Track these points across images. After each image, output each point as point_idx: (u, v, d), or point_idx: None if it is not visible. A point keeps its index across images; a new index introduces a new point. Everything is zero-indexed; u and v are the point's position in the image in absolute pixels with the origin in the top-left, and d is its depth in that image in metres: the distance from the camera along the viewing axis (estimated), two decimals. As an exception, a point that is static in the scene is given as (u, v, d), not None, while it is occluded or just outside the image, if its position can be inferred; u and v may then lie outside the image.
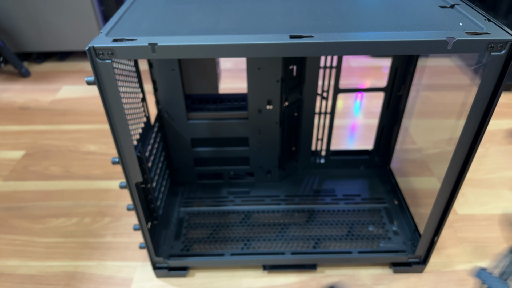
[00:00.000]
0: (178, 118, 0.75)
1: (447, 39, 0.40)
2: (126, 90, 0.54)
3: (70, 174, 0.94)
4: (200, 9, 0.50)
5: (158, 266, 0.68)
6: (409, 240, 0.71)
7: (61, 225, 0.80)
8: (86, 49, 0.41)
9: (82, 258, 0.73)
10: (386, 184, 0.85)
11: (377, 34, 0.42)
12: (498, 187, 0.88)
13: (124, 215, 0.82)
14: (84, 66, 1.47)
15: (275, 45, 0.41)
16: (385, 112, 0.80)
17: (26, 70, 1.39)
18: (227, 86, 1.31)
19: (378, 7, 0.49)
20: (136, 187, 0.55)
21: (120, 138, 0.49)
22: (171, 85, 0.71)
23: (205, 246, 0.72)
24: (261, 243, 0.72)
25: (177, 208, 0.80)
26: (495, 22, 0.44)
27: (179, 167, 0.83)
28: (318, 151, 0.87)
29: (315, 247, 0.71)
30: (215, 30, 0.44)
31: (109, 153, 1.01)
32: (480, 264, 0.71)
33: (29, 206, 0.85)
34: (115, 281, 0.69)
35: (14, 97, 1.27)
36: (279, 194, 0.83)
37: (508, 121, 1.11)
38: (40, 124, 1.13)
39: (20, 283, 0.69)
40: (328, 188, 0.84)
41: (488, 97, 0.45)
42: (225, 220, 0.77)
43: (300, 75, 0.74)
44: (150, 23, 0.46)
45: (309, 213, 0.78)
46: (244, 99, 0.77)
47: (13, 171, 0.95)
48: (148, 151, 0.65)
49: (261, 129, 0.77)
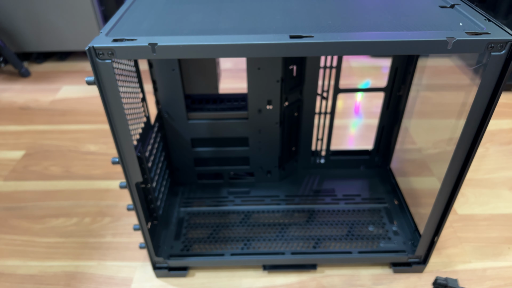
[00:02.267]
0: (178, 118, 0.75)
1: (447, 39, 0.40)
2: (126, 90, 0.54)
3: (70, 174, 0.94)
4: (200, 9, 0.50)
5: (158, 266, 0.68)
6: (409, 240, 0.71)
7: (61, 225, 0.80)
8: (86, 49, 0.41)
9: (82, 258, 0.73)
10: (386, 184, 0.85)
11: (377, 34, 0.42)
12: (498, 187, 0.88)
13: (124, 215, 0.82)
14: (84, 66, 1.47)
15: (275, 45, 0.41)
16: (385, 112, 0.80)
17: (26, 70, 1.39)
18: (227, 86, 1.31)
19: (378, 7, 0.49)
20: (136, 187, 0.55)
21: (120, 138, 0.49)
22: (171, 85, 0.71)
23: (205, 246, 0.72)
24: (261, 243, 0.72)
25: (177, 208, 0.80)
26: (495, 22, 0.44)
27: (179, 167, 0.83)
28: (318, 151, 0.87)
29: (315, 247, 0.71)
30: (215, 30, 0.44)
31: (109, 153, 1.01)
32: (480, 265, 0.71)
33: (29, 206, 0.85)
34: (115, 281, 0.69)
35: (14, 97, 1.27)
36: (279, 194, 0.83)
37: (508, 121, 1.11)
38: (40, 124, 1.13)
39: (20, 283, 0.69)
40: (328, 188, 0.84)
41: (488, 97, 0.45)
42: (225, 220, 0.77)
43: (300, 75, 0.74)
44: (150, 23, 0.46)
45: (309, 213, 0.78)
46: (244, 99, 0.77)
47: (13, 171, 0.95)
48: (148, 151, 0.65)
49: (261, 129, 0.77)
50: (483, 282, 0.68)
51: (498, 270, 0.70)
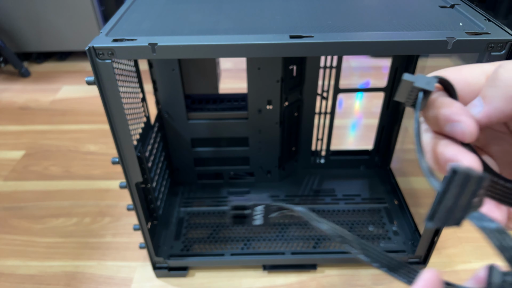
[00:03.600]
0: (178, 118, 0.75)
1: (447, 39, 0.40)
2: (126, 90, 0.54)
3: (70, 174, 0.94)
4: (200, 9, 0.50)
5: (158, 266, 0.68)
6: (409, 240, 0.71)
7: (61, 225, 0.80)
8: (86, 49, 0.41)
9: (82, 258, 0.73)
10: (386, 184, 0.85)
11: (377, 34, 0.42)
12: (498, 187, 0.88)
13: (124, 215, 0.82)
14: (84, 66, 1.47)
15: (275, 45, 0.41)
16: (385, 112, 0.80)
17: (26, 70, 1.39)
18: (227, 86, 1.31)
19: (378, 7, 0.49)
20: (136, 187, 0.55)
21: (120, 138, 0.49)
22: (171, 85, 0.71)
23: (205, 246, 0.72)
24: (261, 243, 0.72)
25: (177, 208, 0.80)
26: (495, 22, 0.44)
27: (179, 167, 0.83)
28: (318, 151, 0.87)
29: (315, 247, 0.71)
30: (215, 30, 0.44)
31: (109, 153, 1.01)
32: (480, 265, 0.71)
33: (29, 206, 0.85)
34: (115, 281, 0.69)
35: (14, 97, 1.27)
36: (279, 194, 0.83)
37: (508, 121, 1.10)
38: (40, 124, 1.13)
39: (20, 283, 0.69)
40: (328, 188, 0.84)
41: (488, 97, 0.45)
42: (225, 220, 0.77)
43: (300, 75, 0.74)
44: (150, 23, 0.46)
45: (309, 213, 0.78)
46: (244, 99, 0.77)
47: (13, 171, 0.95)
48: (148, 151, 0.65)
49: (261, 129, 0.77)
50: (483, 282, 0.68)
51: (498, 270, 0.70)
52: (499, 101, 0.21)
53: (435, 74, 0.23)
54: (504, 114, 0.21)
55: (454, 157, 0.21)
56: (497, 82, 0.21)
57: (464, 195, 0.17)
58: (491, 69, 0.23)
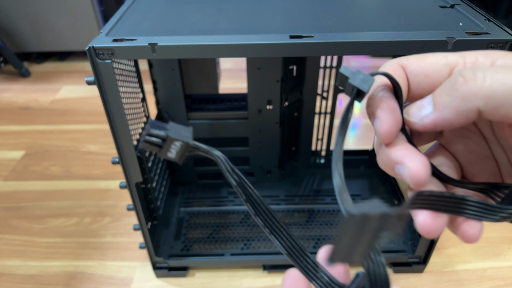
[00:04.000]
0: (178, 118, 0.75)
1: (447, 39, 0.40)
2: (126, 90, 0.54)
3: (70, 174, 0.94)
4: (200, 9, 0.50)
5: (158, 266, 0.68)
6: (409, 240, 0.71)
7: (61, 225, 0.80)
8: (86, 49, 0.41)
9: (82, 258, 0.73)
10: (386, 184, 0.85)
11: (377, 34, 0.42)
12: (498, 187, 0.88)
13: (124, 215, 0.82)
14: (84, 66, 1.47)
15: (275, 45, 0.41)
16: (385, 112, 0.80)
17: (26, 70, 1.39)
18: (227, 86, 1.31)
19: (378, 7, 0.49)
20: (136, 187, 0.55)
21: (120, 138, 0.49)
22: (171, 85, 0.71)
23: (205, 246, 0.72)
24: (261, 243, 0.72)
25: (177, 208, 0.80)
26: (495, 22, 0.44)
27: (179, 167, 0.83)
28: (318, 151, 0.87)
29: (315, 247, 0.71)
30: (215, 30, 0.44)
31: (109, 153, 1.01)
32: (480, 265, 0.71)
33: (29, 206, 0.85)
34: (115, 281, 0.69)
35: (14, 97, 1.27)
36: (279, 194, 0.83)
37: (508, 121, 1.10)
38: (40, 124, 1.13)
39: (20, 283, 0.69)
40: (328, 188, 0.84)
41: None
42: (225, 220, 0.77)
43: (300, 75, 0.74)
44: (150, 23, 0.46)
45: (309, 213, 0.78)
46: (244, 99, 0.77)
47: (13, 171, 0.95)
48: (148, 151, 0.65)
49: (261, 129, 0.77)
50: (483, 282, 0.68)
51: (498, 270, 0.70)
52: (449, 111, 0.19)
53: (391, 66, 0.22)
54: (452, 126, 0.20)
55: (400, 160, 0.20)
56: (453, 92, 0.19)
57: (364, 235, 0.16)
58: (456, 62, 0.21)
